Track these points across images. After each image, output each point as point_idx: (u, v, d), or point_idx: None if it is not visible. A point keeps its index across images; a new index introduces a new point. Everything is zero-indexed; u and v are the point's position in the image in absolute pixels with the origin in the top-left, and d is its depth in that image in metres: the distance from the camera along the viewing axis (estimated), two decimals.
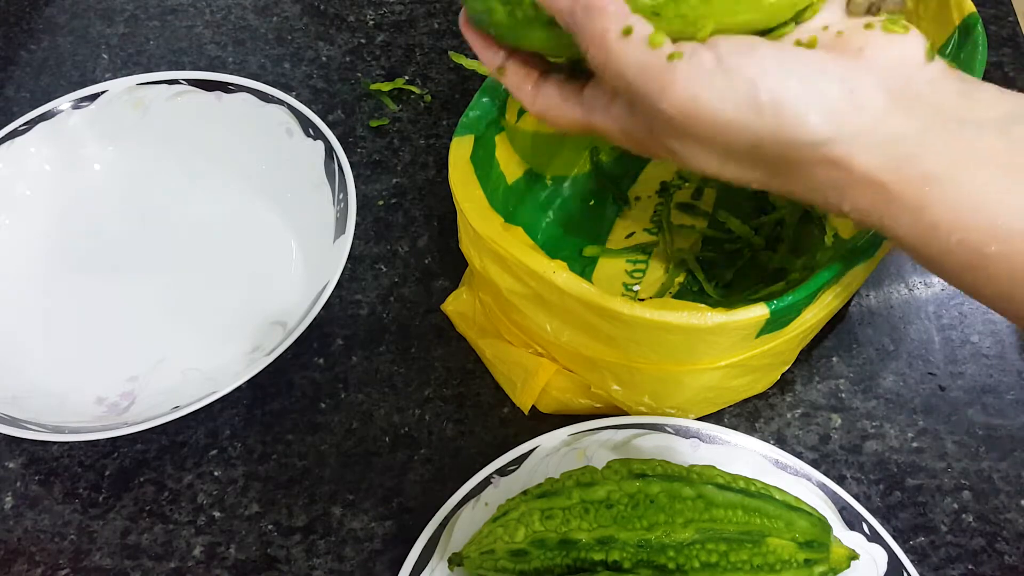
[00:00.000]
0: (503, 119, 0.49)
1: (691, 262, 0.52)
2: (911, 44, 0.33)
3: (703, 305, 0.39)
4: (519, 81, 0.38)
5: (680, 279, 0.52)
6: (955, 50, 0.47)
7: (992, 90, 0.33)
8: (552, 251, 0.52)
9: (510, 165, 0.51)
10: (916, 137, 0.31)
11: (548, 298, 0.41)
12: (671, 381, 0.44)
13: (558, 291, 0.40)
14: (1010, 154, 0.30)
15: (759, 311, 0.39)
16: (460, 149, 0.45)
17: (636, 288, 0.53)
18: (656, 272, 0.53)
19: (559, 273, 0.40)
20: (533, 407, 0.48)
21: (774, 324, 0.40)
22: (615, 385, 0.45)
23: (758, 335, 0.41)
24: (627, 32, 0.32)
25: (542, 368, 0.46)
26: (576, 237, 0.54)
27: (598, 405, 0.47)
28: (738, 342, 0.41)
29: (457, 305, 0.51)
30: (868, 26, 0.34)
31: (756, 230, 0.53)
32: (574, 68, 0.37)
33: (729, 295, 0.51)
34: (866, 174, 0.31)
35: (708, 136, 0.32)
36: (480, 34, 0.38)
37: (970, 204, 0.30)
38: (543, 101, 0.37)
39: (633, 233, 0.55)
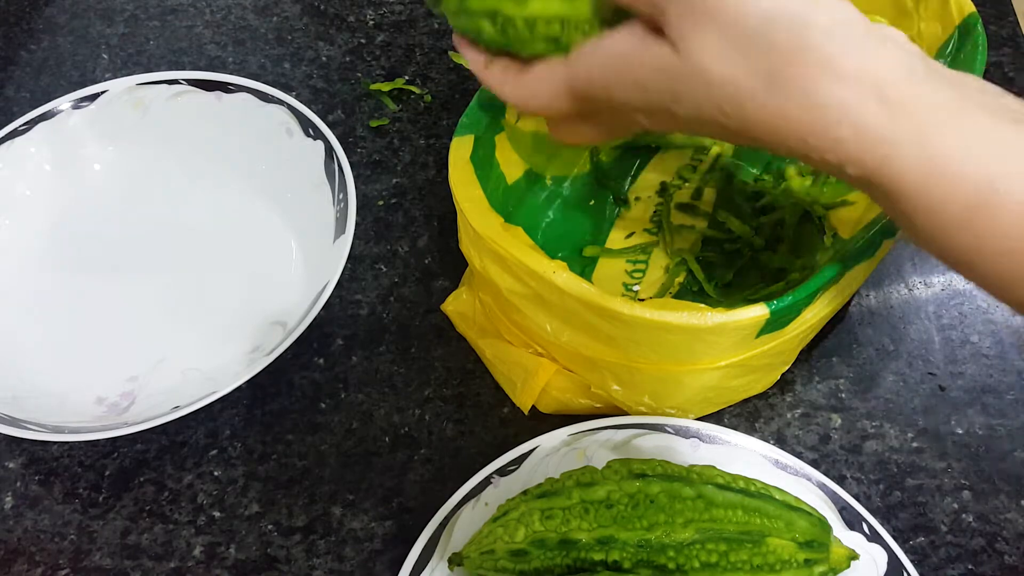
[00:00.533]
0: (503, 119, 0.49)
1: (691, 262, 0.52)
2: (895, 31, 0.32)
3: (703, 305, 0.39)
4: (502, 76, 0.37)
5: (680, 279, 0.52)
6: (955, 50, 0.47)
7: (977, 79, 0.31)
8: (552, 251, 0.53)
9: (510, 165, 0.51)
10: (923, 71, 0.29)
11: (548, 298, 0.41)
12: (671, 381, 0.44)
13: (558, 291, 0.40)
14: (1013, 111, 0.29)
15: (759, 311, 0.39)
16: (460, 149, 0.45)
17: (636, 288, 0.53)
18: (656, 272, 0.53)
19: (559, 273, 0.40)
20: (533, 407, 0.48)
21: (774, 324, 0.40)
22: (615, 385, 0.45)
23: (758, 335, 0.41)
24: None
25: (542, 368, 0.46)
26: (576, 237, 0.55)
27: (598, 405, 0.47)
28: (738, 342, 0.41)
29: (457, 305, 0.51)
30: None
31: (756, 230, 0.53)
32: None
33: (729, 295, 0.51)
34: (872, 89, 0.29)
35: (729, 13, 0.29)
36: (468, 42, 0.38)
37: (981, 137, 0.28)
38: (498, 74, 0.36)
39: (633, 233, 0.55)
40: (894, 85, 0.29)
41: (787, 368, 0.48)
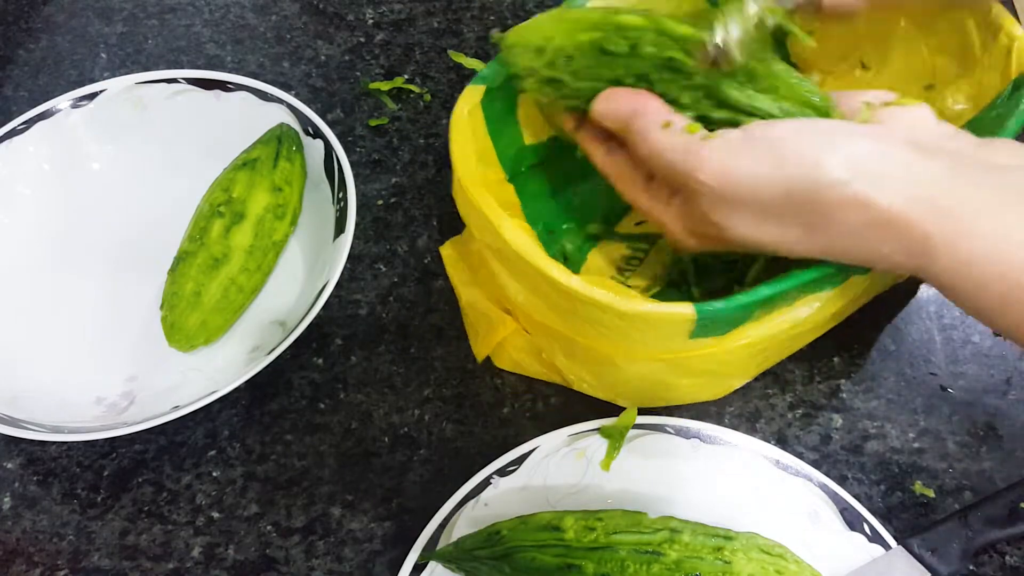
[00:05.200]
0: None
1: (686, 262, 0.52)
2: (922, 109, 0.37)
3: (635, 293, 0.40)
4: (591, 142, 0.43)
5: (673, 277, 0.52)
6: (1004, 99, 0.46)
7: (1008, 144, 0.35)
8: (561, 221, 0.53)
9: (533, 126, 0.51)
10: (944, 176, 0.33)
11: (503, 252, 0.42)
12: (608, 363, 0.44)
13: (504, 243, 0.40)
14: None
15: (685, 310, 0.39)
16: (471, 95, 0.46)
17: (627, 274, 0.53)
18: (653, 266, 0.53)
19: (507, 225, 0.40)
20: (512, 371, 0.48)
21: (706, 328, 0.40)
22: (561, 355, 0.45)
23: (692, 336, 0.40)
24: (666, 125, 0.37)
25: (504, 324, 0.47)
26: (589, 214, 0.54)
27: (551, 373, 0.48)
28: (670, 338, 0.41)
29: (455, 249, 0.51)
30: (884, 104, 0.37)
31: None
32: None
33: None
34: (896, 211, 0.32)
35: (744, 197, 0.35)
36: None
37: (1009, 236, 0.31)
38: (613, 165, 0.42)
39: (643, 222, 0.55)
40: (920, 200, 0.32)
41: (745, 382, 0.48)
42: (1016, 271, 0.31)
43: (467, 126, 0.45)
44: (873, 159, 0.33)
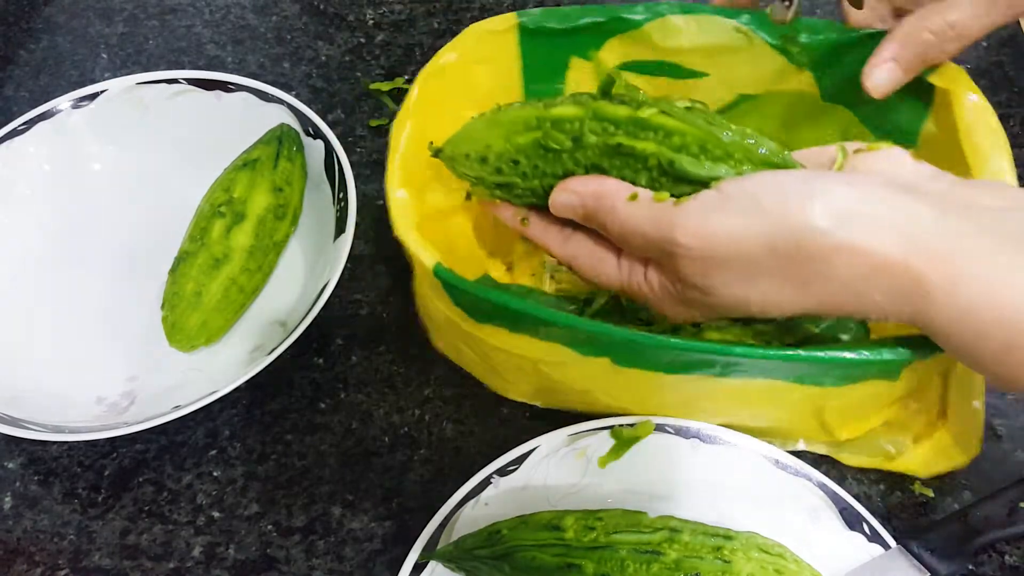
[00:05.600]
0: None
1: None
2: (896, 151, 0.35)
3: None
4: (543, 229, 0.41)
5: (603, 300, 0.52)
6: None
7: (989, 184, 0.34)
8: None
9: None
10: (932, 218, 0.31)
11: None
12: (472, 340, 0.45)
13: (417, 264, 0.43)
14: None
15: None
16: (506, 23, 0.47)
17: (564, 270, 0.52)
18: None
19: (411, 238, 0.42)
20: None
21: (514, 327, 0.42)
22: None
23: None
24: (633, 197, 0.36)
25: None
26: None
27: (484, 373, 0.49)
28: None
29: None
30: (856, 151, 0.36)
31: None
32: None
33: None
34: (887, 257, 0.31)
35: (727, 255, 0.33)
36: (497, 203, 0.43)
37: (1005, 280, 0.29)
38: (574, 247, 0.40)
39: None
40: (912, 243, 0.31)
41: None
42: (1018, 315, 0.29)
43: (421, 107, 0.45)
44: (858, 203, 0.31)
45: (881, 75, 0.42)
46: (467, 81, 0.47)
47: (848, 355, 0.37)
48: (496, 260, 0.53)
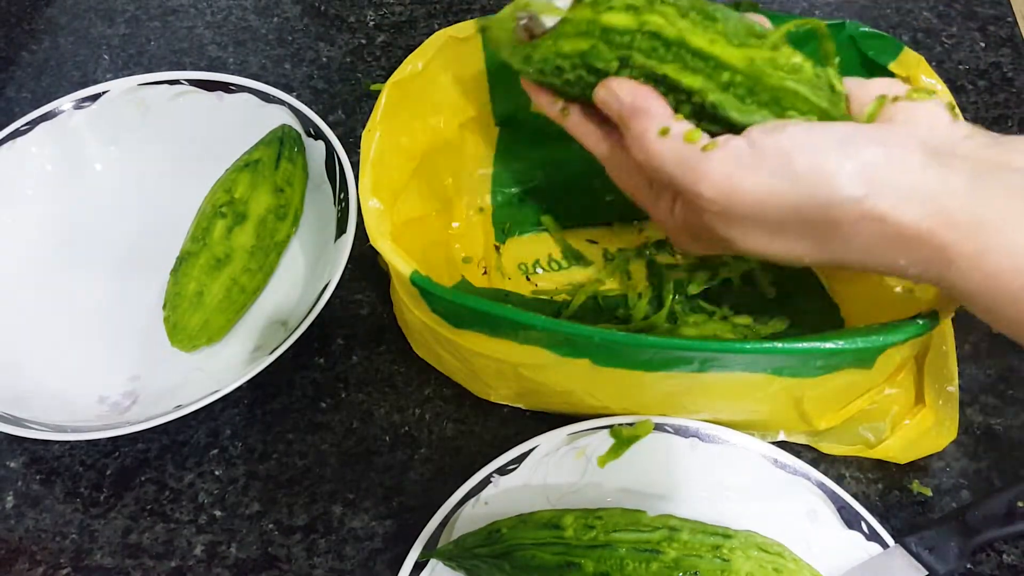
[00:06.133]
0: None
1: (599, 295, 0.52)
2: (935, 106, 0.34)
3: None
4: (582, 124, 0.40)
5: (581, 300, 0.52)
6: None
7: (1020, 139, 0.33)
8: (534, 193, 0.54)
9: None
10: (962, 186, 0.31)
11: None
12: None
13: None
14: None
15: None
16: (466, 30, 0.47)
17: (540, 271, 0.54)
18: (574, 275, 0.53)
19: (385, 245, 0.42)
20: None
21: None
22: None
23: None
24: (664, 132, 0.35)
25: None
26: (564, 202, 0.54)
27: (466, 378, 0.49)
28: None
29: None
30: (895, 98, 0.35)
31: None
32: None
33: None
34: (912, 226, 0.31)
35: (751, 213, 0.33)
36: (538, 87, 0.41)
37: None
38: (609, 149, 0.40)
39: (599, 243, 0.55)
40: (938, 214, 0.31)
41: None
42: None
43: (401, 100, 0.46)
44: (887, 170, 0.31)
45: None
46: (435, 88, 0.48)
47: (824, 345, 0.38)
48: (472, 265, 0.53)
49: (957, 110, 0.35)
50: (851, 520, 0.43)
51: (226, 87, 0.57)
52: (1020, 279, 0.30)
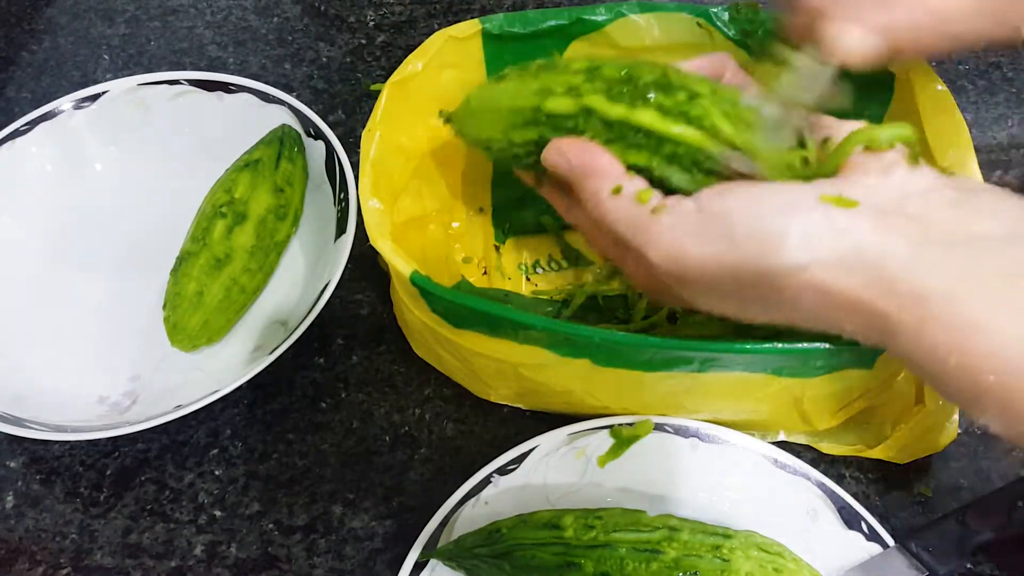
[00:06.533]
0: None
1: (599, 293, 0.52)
2: (891, 157, 0.33)
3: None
4: (551, 192, 0.41)
5: (580, 300, 0.52)
6: None
7: (990, 197, 0.31)
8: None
9: None
10: (906, 256, 0.29)
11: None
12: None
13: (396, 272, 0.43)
14: (1010, 277, 0.28)
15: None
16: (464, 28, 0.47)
17: (540, 271, 0.54)
18: (575, 275, 0.53)
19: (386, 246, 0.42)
20: None
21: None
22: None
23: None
24: (616, 191, 0.35)
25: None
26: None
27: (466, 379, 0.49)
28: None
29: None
30: (858, 145, 0.33)
31: None
32: None
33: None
34: (854, 297, 0.30)
35: (698, 278, 0.33)
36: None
37: (968, 325, 0.28)
38: (576, 216, 0.39)
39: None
40: (879, 284, 0.29)
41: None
42: (987, 362, 0.28)
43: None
44: (830, 238, 0.30)
45: (854, 39, 0.37)
46: (434, 88, 0.48)
47: (824, 345, 0.37)
48: (472, 265, 0.53)
49: (920, 159, 0.33)
50: (851, 520, 0.43)
51: (226, 87, 0.57)
52: (954, 357, 0.28)
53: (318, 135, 0.55)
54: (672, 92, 0.35)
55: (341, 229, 0.51)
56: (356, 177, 0.53)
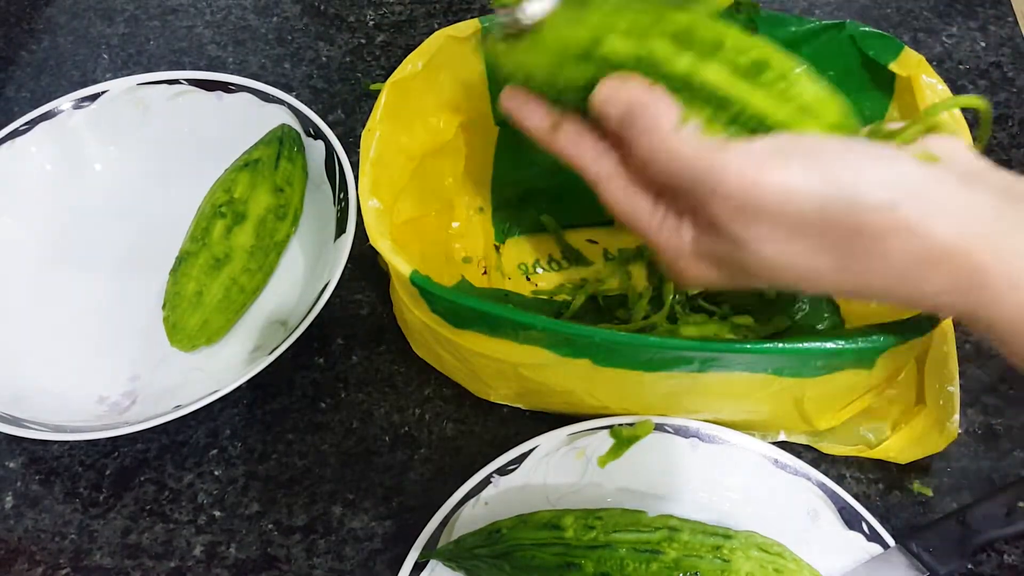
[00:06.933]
0: None
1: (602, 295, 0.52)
2: (955, 140, 0.33)
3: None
4: (575, 139, 0.36)
5: (580, 300, 0.51)
6: None
7: None
8: (537, 193, 0.53)
9: None
10: (996, 208, 0.29)
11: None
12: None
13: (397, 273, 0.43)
14: None
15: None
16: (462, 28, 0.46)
17: (540, 271, 0.54)
18: (570, 275, 0.53)
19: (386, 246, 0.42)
20: None
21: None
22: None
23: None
24: (683, 122, 0.32)
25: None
26: (576, 202, 0.54)
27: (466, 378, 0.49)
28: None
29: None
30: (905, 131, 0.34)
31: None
32: None
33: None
34: (948, 244, 0.28)
35: (774, 209, 0.30)
36: (525, 97, 0.37)
37: None
38: (608, 166, 0.35)
39: (599, 243, 0.54)
40: (976, 234, 0.29)
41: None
42: None
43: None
44: (923, 183, 0.29)
45: None
46: (434, 87, 0.48)
47: (824, 345, 0.37)
48: (472, 265, 0.53)
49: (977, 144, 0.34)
50: (851, 520, 0.43)
51: (226, 87, 0.57)
52: None
53: (318, 135, 0.55)
54: (742, 53, 0.33)
55: (341, 229, 0.51)
56: (356, 177, 0.53)
